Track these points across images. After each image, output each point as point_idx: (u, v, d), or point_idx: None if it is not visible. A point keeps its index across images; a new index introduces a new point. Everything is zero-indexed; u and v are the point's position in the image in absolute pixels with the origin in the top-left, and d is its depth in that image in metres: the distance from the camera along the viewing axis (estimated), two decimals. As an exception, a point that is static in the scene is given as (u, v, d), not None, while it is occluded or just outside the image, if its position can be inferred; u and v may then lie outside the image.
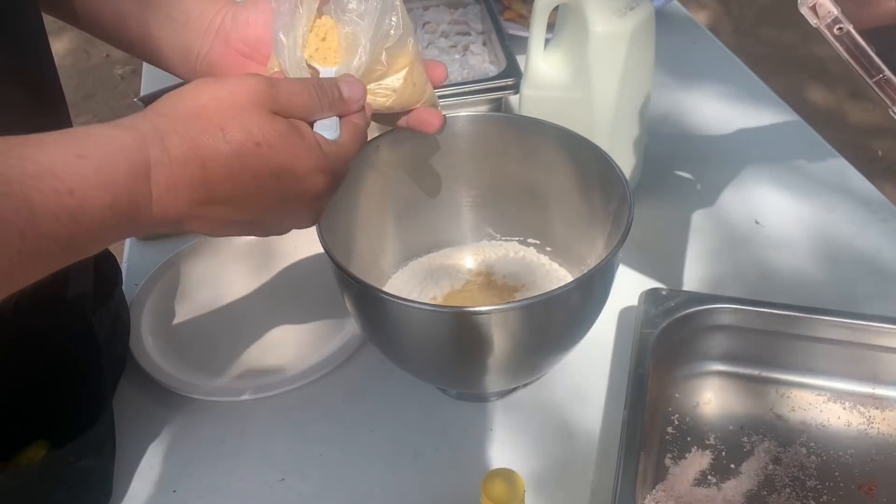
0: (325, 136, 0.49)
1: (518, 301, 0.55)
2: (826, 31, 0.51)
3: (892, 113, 0.53)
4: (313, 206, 0.50)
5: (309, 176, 0.48)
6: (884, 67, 0.51)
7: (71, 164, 0.39)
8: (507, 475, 0.44)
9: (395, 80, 0.53)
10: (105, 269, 0.70)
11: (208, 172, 0.44)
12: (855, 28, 0.50)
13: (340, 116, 0.51)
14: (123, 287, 0.78)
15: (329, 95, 0.50)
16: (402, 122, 0.59)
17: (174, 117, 0.44)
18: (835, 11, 0.49)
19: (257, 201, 0.47)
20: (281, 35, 0.52)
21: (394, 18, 0.51)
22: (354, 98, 0.51)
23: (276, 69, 0.54)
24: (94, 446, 0.61)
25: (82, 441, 0.59)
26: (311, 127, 0.49)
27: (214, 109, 0.44)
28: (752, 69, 1.07)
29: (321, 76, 0.53)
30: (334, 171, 0.50)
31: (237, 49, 0.58)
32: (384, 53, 0.52)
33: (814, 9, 0.50)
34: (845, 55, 0.51)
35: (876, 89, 0.52)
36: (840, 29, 0.50)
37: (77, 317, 0.63)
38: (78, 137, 0.41)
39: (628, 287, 0.73)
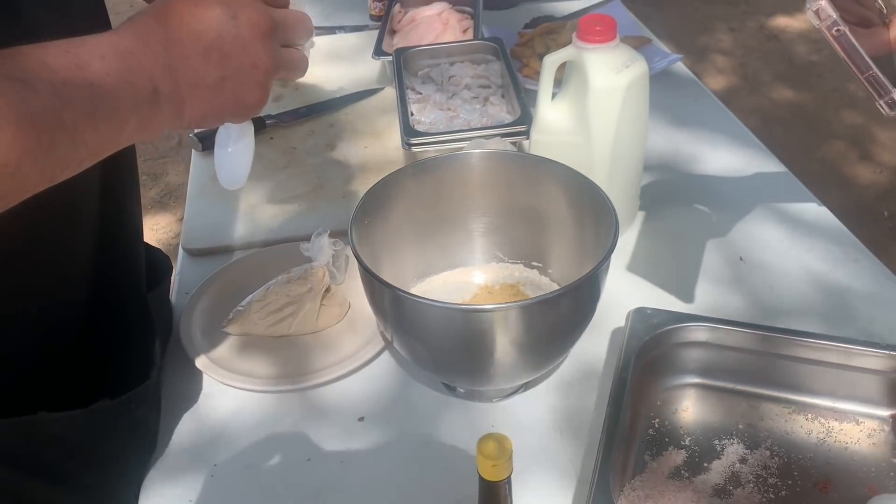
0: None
1: (515, 302, 0.65)
2: (826, 32, 0.63)
3: (878, 106, 0.65)
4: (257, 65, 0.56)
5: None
6: (872, 65, 0.63)
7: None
8: (497, 437, 0.53)
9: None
10: (155, 259, 0.84)
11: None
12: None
13: None
14: (175, 296, 0.89)
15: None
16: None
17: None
18: (833, 15, 0.62)
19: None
20: None
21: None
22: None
23: None
24: (148, 398, 0.72)
25: (140, 392, 0.69)
26: None
27: None
28: (763, 128, 1.17)
29: None
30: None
31: None
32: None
33: (817, 13, 0.63)
34: (841, 54, 0.63)
35: (866, 84, 0.64)
36: (838, 30, 0.63)
37: (134, 291, 0.76)
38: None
39: (619, 310, 0.82)
